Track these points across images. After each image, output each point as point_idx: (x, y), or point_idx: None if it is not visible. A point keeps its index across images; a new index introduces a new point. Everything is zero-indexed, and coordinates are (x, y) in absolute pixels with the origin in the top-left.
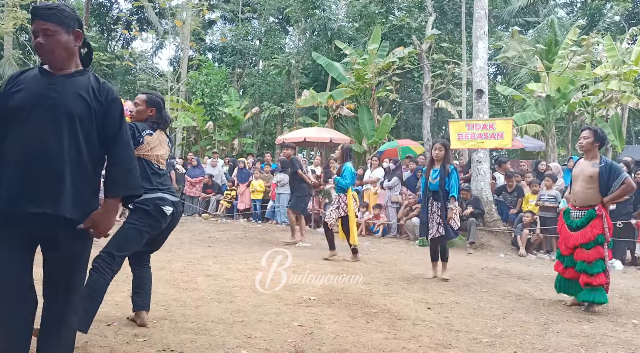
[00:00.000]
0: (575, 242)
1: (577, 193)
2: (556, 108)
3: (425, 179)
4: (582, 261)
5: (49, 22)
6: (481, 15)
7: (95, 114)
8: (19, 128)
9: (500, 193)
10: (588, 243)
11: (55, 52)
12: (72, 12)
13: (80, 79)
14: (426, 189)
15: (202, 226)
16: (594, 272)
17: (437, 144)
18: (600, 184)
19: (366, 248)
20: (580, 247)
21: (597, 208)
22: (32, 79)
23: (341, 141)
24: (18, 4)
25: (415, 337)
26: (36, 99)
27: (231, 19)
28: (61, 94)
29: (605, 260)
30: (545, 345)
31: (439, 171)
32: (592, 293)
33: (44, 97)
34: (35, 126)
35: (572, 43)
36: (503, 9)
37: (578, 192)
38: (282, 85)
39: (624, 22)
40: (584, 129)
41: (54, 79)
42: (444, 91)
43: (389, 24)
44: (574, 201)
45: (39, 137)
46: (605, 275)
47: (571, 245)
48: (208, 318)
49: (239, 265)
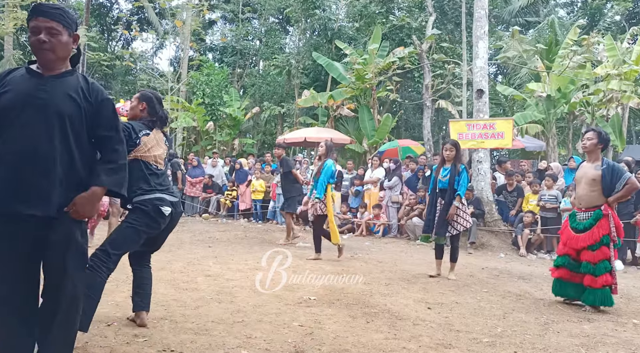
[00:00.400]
0: (583, 244)
1: (581, 196)
2: (557, 108)
3: (434, 178)
4: (587, 263)
5: (54, 22)
6: (481, 15)
7: (85, 114)
8: (9, 129)
9: (501, 192)
10: (594, 245)
11: (56, 51)
12: (74, 15)
13: (70, 80)
14: (434, 188)
15: (202, 226)
16: (597, 274)
17: (448, 144)
18: (603, 187)
19: (366, 248)
20: (586, 249)
21: (603, 208)
22: (20, 80)
23: (342, 141)
24: (18, 5)
25: (416, 337)
26: (25, 100)
27: (231, 19)
28: (51, 94)
29: (611, 260)
30: (545, 345)
31: (449, 170)
32: (596, 297)
33: (34, 98)
34: (26, 126)
35: (573, 43)
36: (503, 9)
37: (582, 195)
38: (283, 85)
39: (624, 21)
40: (587, 130)
41: (43, 80)
42: (444, 90)
43: (389, 24)
44: (579, 204)
45: (29, 137)
46: (611, 275)
47: (578, 246)
48: (208, 318)
49: (239, 265)
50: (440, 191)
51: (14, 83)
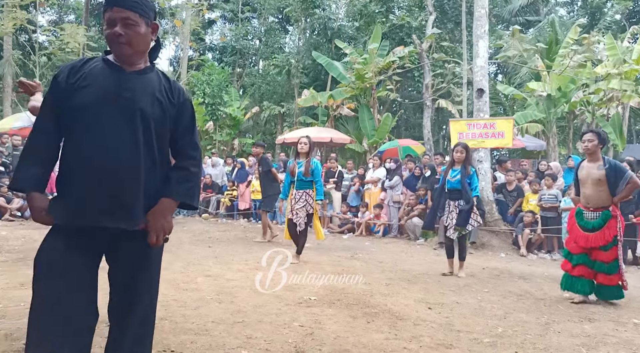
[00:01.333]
0: (593, 244)
1: (589, 196)
2: (557, 107)
3: (443, 178)
4: (601, 263)
5: (130, 11)
6: (481, 14)
7: (169, 116)
8: (88, 130)
9: (501, 191)
10: (606, 245)
11: (133, 44)
12: (151, 1)
13: (152, 77)
14: (442, 188)
15: (202, 226)
16: (612, 273)
17: (459, 147)
18: (609, 186)
19: (367, 248)
20: (598, 249)
21: (611, 209)
22: (99, 73)
23: (342, 141)
24: (18, 5)
25: (416, 337)
26: (107, 98)
27: (231, 18)
28: (135, 93)
29: (620, 259)
30: (546, 345)
31: (459, 171)
32: (611, 293)
33: (117, 97)
34: (108, 128)
35: (573, 42)
36: (503, 8)
37: (590, 195)
38: (282, 85)
39: (624, 20)
40: (586, 132)
41: (126, 76)
42: (444, 90)
43: (389, 23)
44: (586, 203)
45: (112, 141)
46: (620, 273)
47: (588, 245)
48: (208, 318)
49: (240, 265)
50: (449, 191)
51: (92, 77)
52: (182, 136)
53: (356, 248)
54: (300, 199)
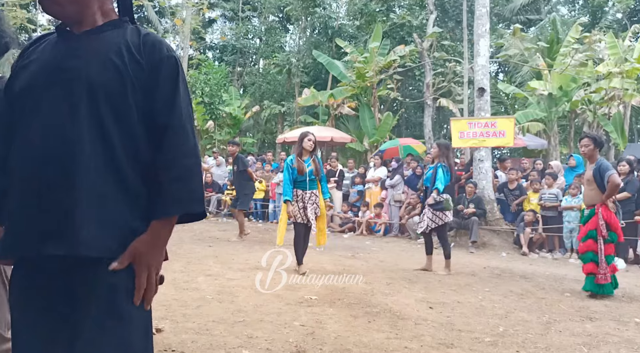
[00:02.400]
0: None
1: (585, 195)
2: (558, 106)
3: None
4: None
5: None
6: (482, 13)
7: (134, 85)
8: (23, 124)
9: (502, 190)
10: (583, 237)
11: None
12: None
13: (112, 35)
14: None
15: (202, 225)
16: (584, 263)
17: (434, 144)
18: (598, 185)
19: (367, 247)
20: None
21: (596, 207)
22: (47, 46)
23: (342, 140)
24: (17, 4)
25: (417, 336)
26: (45, 74)
27: (231, 17)
28: (81, 60)
29: (600, 254)
30: (547, 344)
31: (431, 168)
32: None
33: (57, 70)
34: (47, 116)
35: (574, 41)
36: (504, 7)
37: (586, 194)
38: (283, 84)
39: (626, 19)
40: (582, 137)
41: (76, 40)
42: (445, 89)
43: (389, 22)
44: (585, 202)
45: (50, 133)
46: (600, 267)
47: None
48: (209, 318)
49: (240, 264)
50: (425, 188)
51: (38, 53)
52: (161, 112)
53: (357, 248)
54: (310, 200)
